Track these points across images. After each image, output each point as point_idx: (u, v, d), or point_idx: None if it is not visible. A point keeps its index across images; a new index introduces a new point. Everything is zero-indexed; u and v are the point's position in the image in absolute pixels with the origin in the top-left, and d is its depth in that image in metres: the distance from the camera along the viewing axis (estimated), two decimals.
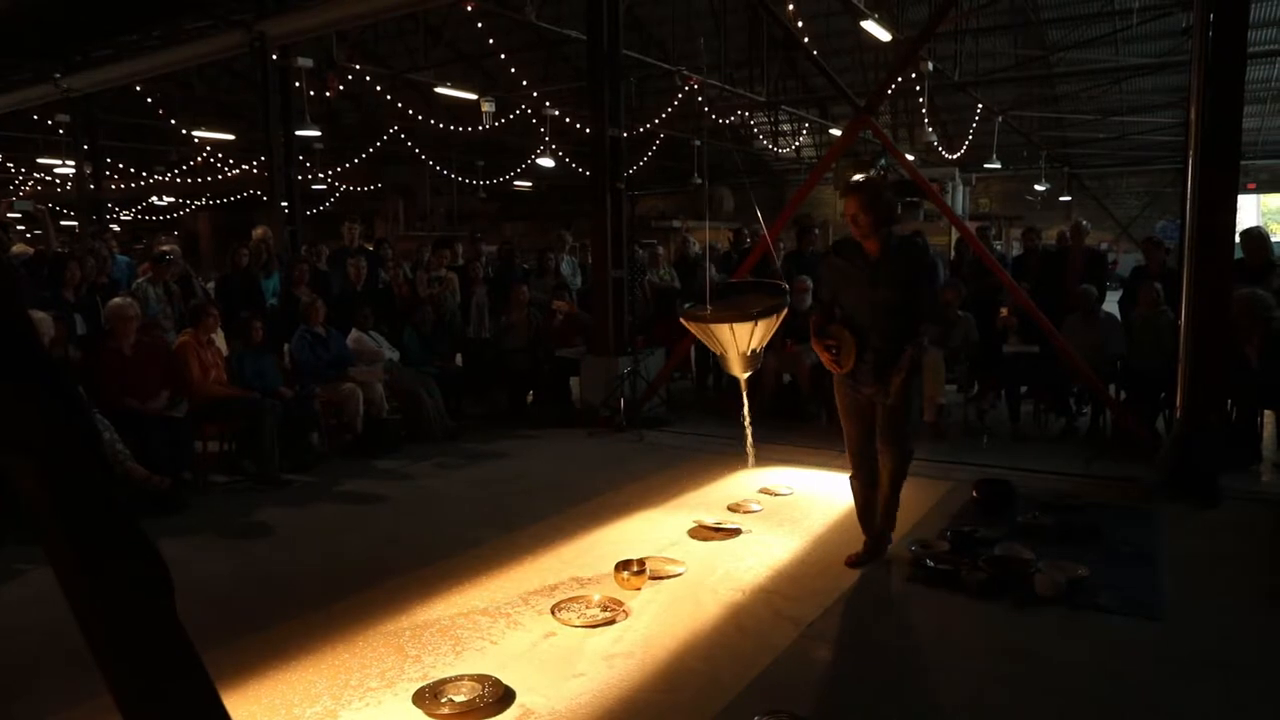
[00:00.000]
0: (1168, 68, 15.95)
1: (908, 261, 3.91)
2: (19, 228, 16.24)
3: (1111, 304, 7.42)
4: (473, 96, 15.76)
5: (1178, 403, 5.49)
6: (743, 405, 4.86)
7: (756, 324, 4.24)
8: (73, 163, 14.77)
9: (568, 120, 17.09)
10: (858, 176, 4.00)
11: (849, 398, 4.04)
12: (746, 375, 4.61)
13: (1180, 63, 13.55)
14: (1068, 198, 25.52)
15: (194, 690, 1.81)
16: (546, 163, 19.73)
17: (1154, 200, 24.74)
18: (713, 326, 4.35)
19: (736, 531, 4.64)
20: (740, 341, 4.34)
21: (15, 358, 1.66)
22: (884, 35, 12.29)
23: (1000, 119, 18.73)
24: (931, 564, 3.99)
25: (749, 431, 5.00)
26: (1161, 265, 7.34)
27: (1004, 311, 7.13)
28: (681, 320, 4.59)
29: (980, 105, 17.91)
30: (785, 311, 4.35)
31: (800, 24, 11.52)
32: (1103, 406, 6.70)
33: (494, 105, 15.87)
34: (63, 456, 1.68)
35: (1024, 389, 7.14)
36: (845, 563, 4.11)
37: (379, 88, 15.83)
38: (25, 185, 22.83)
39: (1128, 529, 4.61)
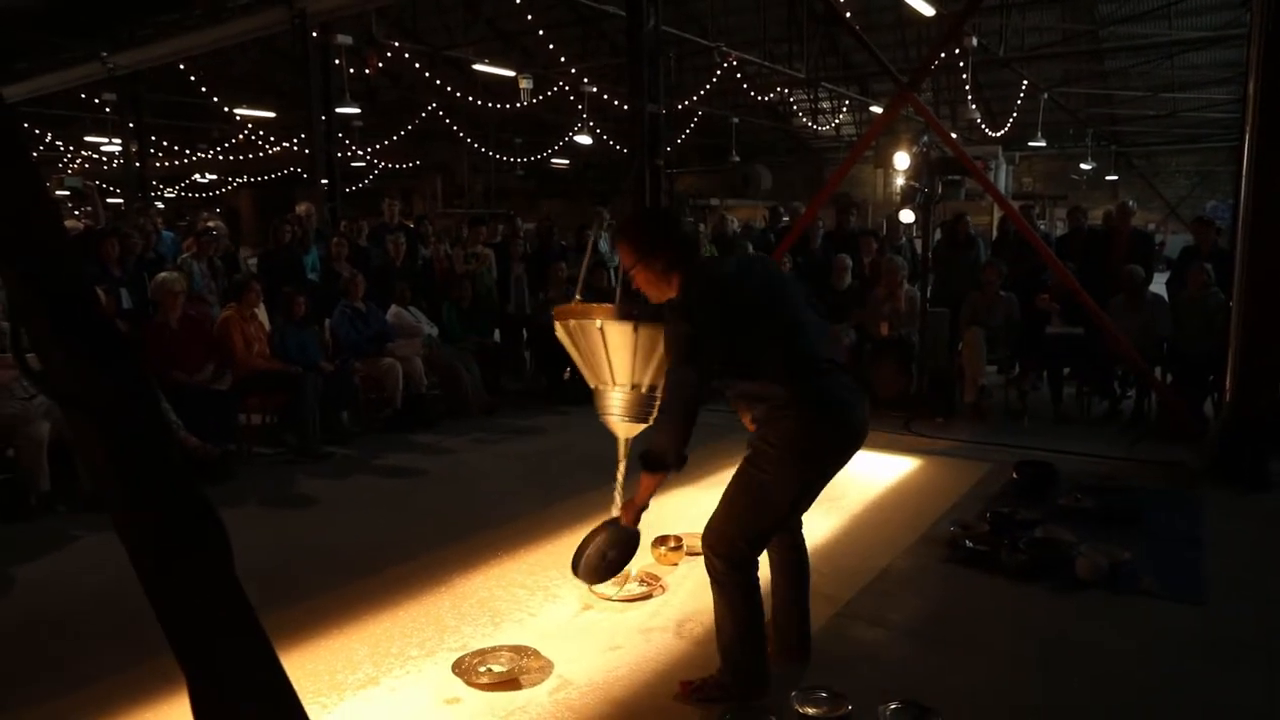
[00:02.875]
0: (1223, 41, 15.44)
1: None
2: (68, 204, 16.56)
3: (1159, 285, 7.26)
4: (511, 73, 15.75)
5: (1227, 386, 5.37)
6: (617, 470, 3.60)
7: (638, 333, 3.10)
8: (119, 140, 15.01)
9: (605, 97, 17.01)
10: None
11: None
12: (628, 436, 3.45)
13: (1237, 36, 13.11)
14: (1114, 177, 24.95)
15: (252, 647, 1.85)
16: (585, 140, 19.70)
17: (1204, 180, 24.08)
18: (581, 325, 3.21)
19: None
20: (618, 364, 3.17)
21: (78, 322, 1.71)
22: (927, 10, 12.07)
23: (1046, 96, 18.30)
24: (970, 545, 3.96)
25: (619, 494, 3.60)
26: (1212, 245, 7.17)
27: (1045, 296, 7.01)
28: (556, 323, 3.39)
29: (1025, 81, 17.52)
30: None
31: None
32: (1148, 389, 6.58)
33: (532, 82, 15.84)
34: (123, 416, 1.72)
35: (1067, 370, 7.04)
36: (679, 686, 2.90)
37: (417, 65, 15.88)
38: (74, 163, 23.27)
39: (1171, 513, 4.54)
